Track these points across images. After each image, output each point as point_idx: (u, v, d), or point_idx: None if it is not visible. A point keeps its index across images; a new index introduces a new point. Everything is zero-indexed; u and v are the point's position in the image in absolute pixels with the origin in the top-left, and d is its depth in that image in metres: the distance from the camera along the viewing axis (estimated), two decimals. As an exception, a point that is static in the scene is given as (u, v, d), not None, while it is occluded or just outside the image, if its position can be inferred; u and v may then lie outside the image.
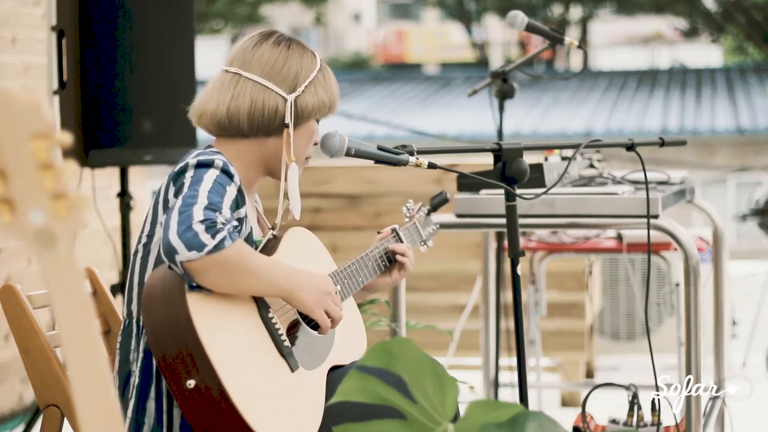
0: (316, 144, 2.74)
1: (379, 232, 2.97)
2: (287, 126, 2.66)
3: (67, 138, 1.29)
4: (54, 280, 1.31)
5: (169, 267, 2.42)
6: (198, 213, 2.37)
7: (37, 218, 1.29)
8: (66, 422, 2.77)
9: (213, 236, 2.35)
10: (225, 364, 2.40)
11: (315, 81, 2.70)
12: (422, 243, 3.09)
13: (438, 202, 3.15)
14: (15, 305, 2.74)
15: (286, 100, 2.66)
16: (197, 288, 2.42)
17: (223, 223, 2.39)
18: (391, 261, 2.92)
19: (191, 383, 2.38)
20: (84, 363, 1.33)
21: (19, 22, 5.36)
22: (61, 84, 4.61)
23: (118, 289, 4.65)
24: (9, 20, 5.29)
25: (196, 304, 2.41)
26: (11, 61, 5.29)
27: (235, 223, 2.46)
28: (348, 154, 2.68)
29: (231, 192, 2.50)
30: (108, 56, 4.63)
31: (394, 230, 2.97)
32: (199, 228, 2.35)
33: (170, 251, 2.35)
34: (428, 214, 3.14)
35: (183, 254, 2.34)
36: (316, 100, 2.69)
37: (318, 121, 2.74)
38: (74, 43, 4.59)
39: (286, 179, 2.69)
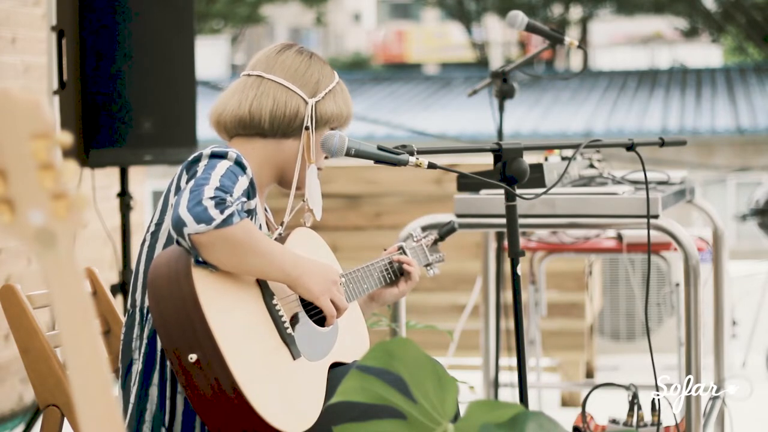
0: (327, 158, 2.78)
1: (385, 249, 3.00)
2: (307, 128, 2.72)
3: (67, 138, 1.29)
4: (54, 280, 1.31)
5: (177, 242, 2.44)
6: (209, 191, 2.42)
7: (37, 218, 1.29)
8: (66, 422, 2.77)
9: (222, 211, 2.39)
10: (228, 340, 2.41)
11: (334, 90, 2.80)
12: (428, 266, 3.12)
13: (446, 232, 3.18)
14: (15, 305, 2.74)
15: (307, 103, 2.74)
16: (203, 264, 2.44)
17: (233, 202, 2.43)
18: (396, 274, 2.95)
19: (193, 357, 2.40)
20: (84, 363, 1.33)
21: (19, 22, 5.36)
22: (61, 84, 4.61)
23: (118, 289, 4.65)
24: (9, 20, 5.29)
25: (202, 280, 2.43)
26: (11, 61, 5.29)
27: (244, 200, 2.50)
28: (348, 154, 2.69)
29: (243, 182, 2.54)
30: (108, 56, 4.63)
31: (400, 247, 3.00)
32: (208, 203, 2.39)
33: (179, 224, 2.39)
34: (435, 242, 3.16)
35: (191, 227, 2.38)
36: (335, 108, 2.78)
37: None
38: (74, 43, 4.59)
39: (299, 187, 2.76)
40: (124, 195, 4.87)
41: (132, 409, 2.56)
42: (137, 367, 2.57)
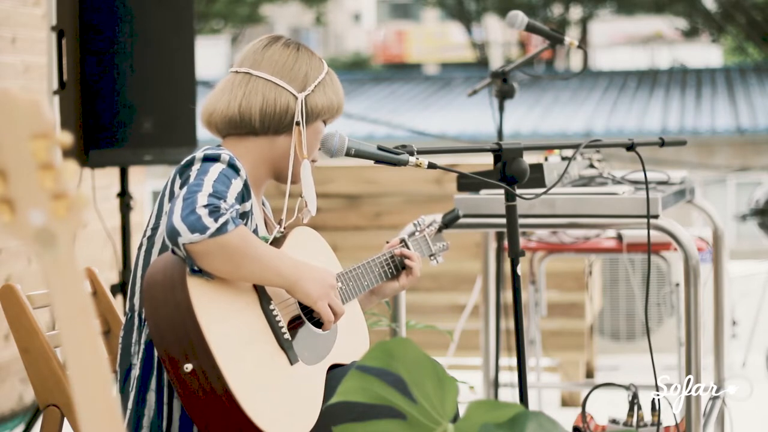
0: (321, 149, 2.76)
1: (387, 242, 2.99)
2: (298, 124, 2.69)
3: (67, 138, 1.29)
4: (54, 280, 1.31)
5: (173, 251, 2.43)
6: (202, 198, 2.40)
7: (37, 218, 1.29)
8: (66, 422, 2.77)
9: (216, 219, 2.37)
10: (223, 349, 2.41)
11: (324, 82, 2.75)
12: (431, 257, 3.10)
13: (450, 219, 3.16)
14: (15, 305, 2.74)
15: (296, 98, 2.70)
16: (198, 273, 2.43)
17: (227, 209, 2.41)
18: (398, 268, 2.94)
19: (188, 367, 2.39)
20: (84, 363, 1.33)
21: (19, 22, 5.36)
22: (61, 84, 4.61)
23: (118, 289, 4.65)
24: (9, 20, 5.29)
25: (197, 289, 2.42)
26: (11, 61, 5.29)
27: (238, 207, 2.48)
28: (348, 154, 2.69)
29: (236, 185, 2.52)
30: (108, 56, 4.63)
31: (402, 240, 2.99)
32: (202, 212, 2.37)
33: (173, 234, 2.37)
34: (439, 230, 3.14)
35: (186, 236, 2.36)
36: (326, 100, 2.74)
37: (325, 123, 2.78)
38: (74, 43, 4.58)
39: (294, 182, 2.72)
40: (124, 195, 4.87)
41: (130, 415, 2.56)
42: (135, 372, 2.57)
